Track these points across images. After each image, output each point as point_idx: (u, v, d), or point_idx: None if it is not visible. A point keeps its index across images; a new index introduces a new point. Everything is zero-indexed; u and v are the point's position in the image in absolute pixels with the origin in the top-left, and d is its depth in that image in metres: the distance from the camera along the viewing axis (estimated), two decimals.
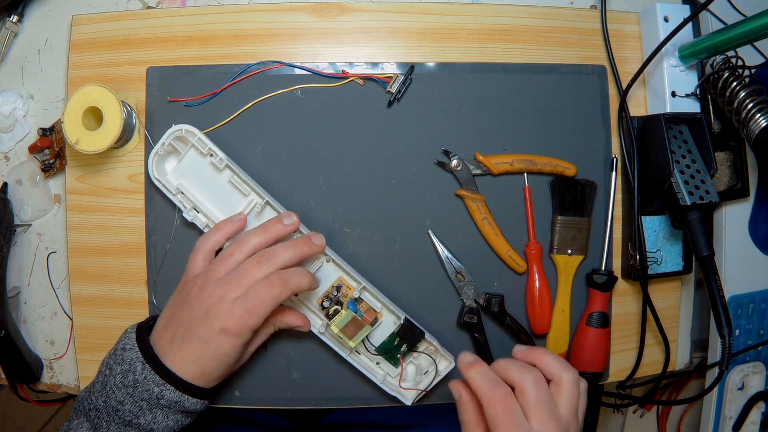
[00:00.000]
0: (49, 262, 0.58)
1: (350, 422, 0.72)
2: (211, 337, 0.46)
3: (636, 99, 0.59)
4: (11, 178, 0.57)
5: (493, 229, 0.56)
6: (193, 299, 0.47)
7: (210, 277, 0.47)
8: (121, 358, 0.46)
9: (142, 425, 0.45)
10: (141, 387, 0.45)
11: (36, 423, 1.40)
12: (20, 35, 0.58)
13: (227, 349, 0.46)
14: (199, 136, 0.52)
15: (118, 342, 0.48)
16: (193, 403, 0.47)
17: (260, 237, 0.49)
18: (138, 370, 0.45)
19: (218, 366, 0.47)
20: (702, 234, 0.52)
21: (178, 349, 0.46)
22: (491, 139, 0.57)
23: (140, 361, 0.46)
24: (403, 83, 0.56)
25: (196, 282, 0.48)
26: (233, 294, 0.46)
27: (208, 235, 0.50)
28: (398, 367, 0.53)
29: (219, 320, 0.46)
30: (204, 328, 0.46)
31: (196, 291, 0.47)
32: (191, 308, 0.47)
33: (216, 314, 0.46)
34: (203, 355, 0.46)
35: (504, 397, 0.43)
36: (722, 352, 0.50)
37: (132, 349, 0.47)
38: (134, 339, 0.47)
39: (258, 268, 0.47)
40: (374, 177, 0.56)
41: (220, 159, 0.52)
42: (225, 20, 0.56)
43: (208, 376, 0.47)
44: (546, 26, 0.59)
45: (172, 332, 0.47)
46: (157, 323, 0.49)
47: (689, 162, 0.54)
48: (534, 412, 0.42)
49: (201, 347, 0.46)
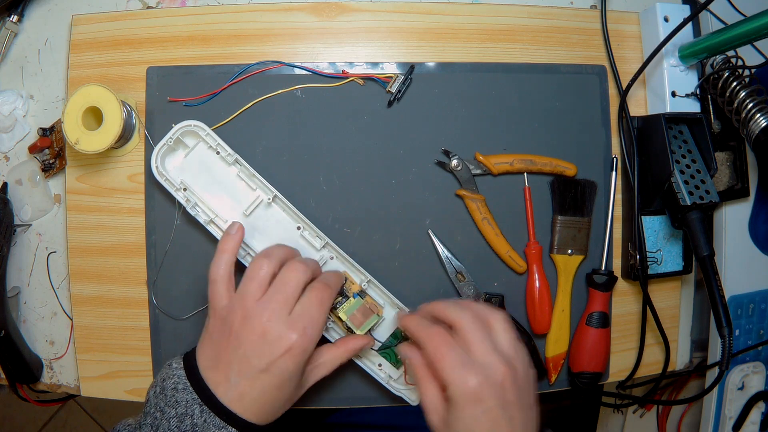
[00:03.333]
0: (49, 262, 0.58)
1: (351, 423, 0.72)
2: (273, 362, 0.43)
3: (636, 99, 0.59)
4: (11, 178, 0.57)
5: (493, 229, 0.56)
6: (240, 330, 0.43)
7: (248, 302, 0.44)
8: (174, 399, 0.42)
9: None
10: (201, 431, 0.41)
11: (36, 423, 1.40)
12: (20, 35, 0.58)
13: (291, 371, 0.43)
14: (208, 131, 0.52)
15: (164, 380, 0.44)
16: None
17: (280, 249, 0.48)
18: (196, 414, 0.42)
19: (280, 395, 0.44)
20: (702, 234, 0.52)
21: (236, 386, 0.43)
22: (491, 139, 0.57)
23: (197, 403, 0.42)
24: (403, 83, 0.56)
25: (236, 311, 0.44)
26: (284, 310, 0.44)
27: (217, 263, 0.46)
28: (400, 368, 0.53)
29: (281, 342, 0.43)
30: (265, 356, 0.42)
31: (240, 320, 0.44)
32: (240, 340, 0.43)
33: (276, 337, 0.43)
34: (266, 387, 0.43)
35: (440, 334, 0.43)
36: (722, 352, 0.50)
37: (186, 390, 0.43)
38: (185, 377, 0.43)
39: (298, 275, 0.45)
40: (374, 177, 0.56)
41: (229, 154, 0.52)
42: (225, 20, 0.56)
43: (269, 408, 0.44)
44: (546, 26, 0.59)
45: (224, 371, 0.43)
46: (200, 362, 0.45)
47: (689, 162, 0.54)
48: (476, 345, 0.43)
49: (262, 378, 0.43)
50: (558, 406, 1.24)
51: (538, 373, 0.57)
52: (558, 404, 1.24)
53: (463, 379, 0.41)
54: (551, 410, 1.26)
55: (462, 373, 0.41)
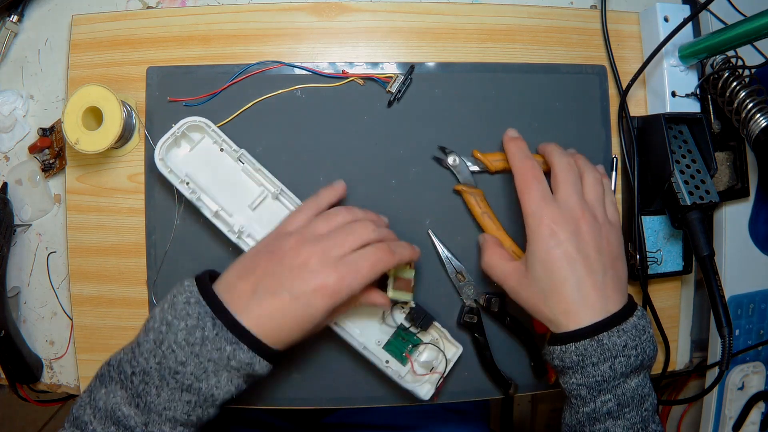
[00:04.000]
0: (49, 262, 0.58)
1: (351, 423, 0.72)
2: (305, 294, 0.42)
3: (636, 99, 0.59)
4: (11, 178, 0.57)
5: (493, 224, 0.55)
6: (287, 251, 0.44)
7: (310, 234, 0.45)
8: (184, 312, 0.41)
9: (203, 390, 0.41)
10: (210, 345, 0.40)
11: (36, 423, 1.40)
12: (20, 35, 0.58)
13: (318, 309, 0.42)
14: (213, 127, 0.52)
15: (174, 296, 0.43)
16: (263, 366, 0.42)
17: (362, 213, 0.49)
18: (208, 326, 0.40)
19: (298, 328, 0.43)
20: (702, 234, 0.52)
21: (258, 302, 0.42)
22: (491, 139, 0.57)
23: (209, 315, 0.41)
24: (403, 83, 0.56)
25: (291, 236, 0.45)
26: (337, 252, 0.44)
27: (311, 200, 0.49)
28: (406, 364, 0.53)
29: (319, 276, 0.42)
30: (298, 282, 0.42)
31: (291, 244, 0.44)
32: (282, 260, 0.43)
33: (316, 269, 0.43)
34: (287, 312, 0.42)
35: (533, 168, 0.48)
36: (722, 352, 0.50)
37: (198, 303, 0.41)
38: (198, 292, 0.42)
39: (366, 231, 0.45)
40: (374, 177, 0.56)
41: (234, 150, 0.52)
42: (225, 20, 0.56)
43: (284, 336, 0.43)
44: (546, 26, 0.59)
45: (253, 283, 0.43)
46: (228, 273, 0.45)
47: (689, 162, 0.54)
48: (562, 187, 0.48)
49: (289, 302, 0.42)
50: (558, 406, 1.24)
51: (541, 370, 0.57)
52: (558, 404, 1.24)
53: (540, 211, 0.46)
54: (552, 410, 1.26)
55: (541, 205, 0.46)
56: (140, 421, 0.40)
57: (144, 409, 0.40)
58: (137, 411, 0.40)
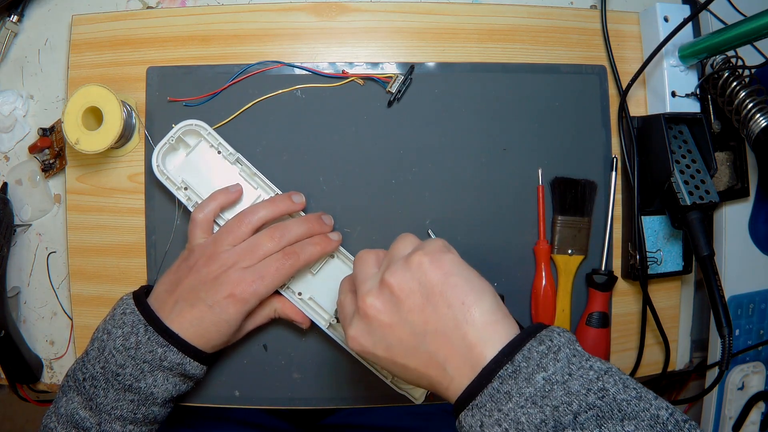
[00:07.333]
0: (49, 262, 0.58)
1: (351, 424, 0.72)
2: (217, 302, 0.46)
3: (636, 99, 0.59)
4: (11, 178, 0.57)
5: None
6: (201, 267, 0.48)
7: (219, 249, 0.48)
8: (121, 321, 0.46)
9: (143, 389, 0.45)
10: (144, 348, 0.45)
11: (36, 423, 1.40)
12: (20, 35, 0.58)
13: (231, 315, 0.47)
14: (210, 130, 0.53)
15: (114, 309, 0.48)
16: (194, 366, 0.47)
17: (268, 210, 0.50)
18: (141, 332, 0.46)
19: (217, 333, 0.48)
20: (702, 234, 0.52)
21: (180, 312, 0.47)
22: (491, 139, 0.57)
23: (142, 323, 0.46)
24: (403, 83, 0.56)
25: (204, 252, 0.48)
26: (245, 263, 0.47)
27: (202, 206, 0.51)
28: None
29: (228, 286, 0.46)
30: (212, 293, 0.47)
31: (204, 260, 0.48)
32: (198, 275, 0.47)
33: (226, 281, 0.47)
34: (205, 319, 0.47)
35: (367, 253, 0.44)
36: (722, 352, 0.50)
37: (132, 313, 0.47)
38: (133, 304, 0.48)
39: (271, 241, 0.48)
40: (374, 177, 0.56)
41: (231, 153, 0.52)
42: (225, 20, 0.56)
43: (208, 340, 0.48)
44: (546, 26, 0.59)
45: (176, 296, 0.48)
46: (157, 288, 0.50)
47: (689, 162, 0.54)
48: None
49: (205, 311, 0.47)
50: None
51: None
52: None
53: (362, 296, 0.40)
54: None
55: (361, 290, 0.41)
56: (94, 422, 0.45)
57: (96, 411, 0.45)
58: (91, 413, 0.45)
